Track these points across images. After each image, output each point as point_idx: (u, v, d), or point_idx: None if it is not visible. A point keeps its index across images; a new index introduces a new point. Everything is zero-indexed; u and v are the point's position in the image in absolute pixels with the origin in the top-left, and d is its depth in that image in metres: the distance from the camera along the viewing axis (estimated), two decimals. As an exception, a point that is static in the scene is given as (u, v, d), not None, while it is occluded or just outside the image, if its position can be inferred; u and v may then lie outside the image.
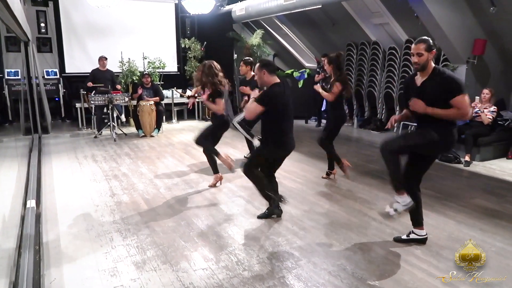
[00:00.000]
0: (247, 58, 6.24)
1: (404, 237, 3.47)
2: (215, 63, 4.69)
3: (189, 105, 5.82)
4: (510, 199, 4.53)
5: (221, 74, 4.66)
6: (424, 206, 4.06)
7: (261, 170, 3.86)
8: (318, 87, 5.16)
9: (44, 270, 2.99)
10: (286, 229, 3.74)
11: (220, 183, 5.04)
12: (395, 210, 3.22)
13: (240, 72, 6.13)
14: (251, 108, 3.61)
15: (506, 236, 3.57)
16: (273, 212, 3.98)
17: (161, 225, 3.81)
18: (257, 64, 3.72)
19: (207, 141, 4.81)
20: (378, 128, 8.67)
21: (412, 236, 3.44)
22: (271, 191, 3.85)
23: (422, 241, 3.40)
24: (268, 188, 3.83)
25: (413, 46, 3.12)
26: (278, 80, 3.68)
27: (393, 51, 8.37)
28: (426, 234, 3.43)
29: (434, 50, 3.07)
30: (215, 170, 4.93)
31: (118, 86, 8.54)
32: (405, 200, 3.19)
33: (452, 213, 4.09)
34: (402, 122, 7.77)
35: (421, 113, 3.09)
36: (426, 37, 3.14)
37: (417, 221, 3.41)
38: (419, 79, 3.18)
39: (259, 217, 3.99)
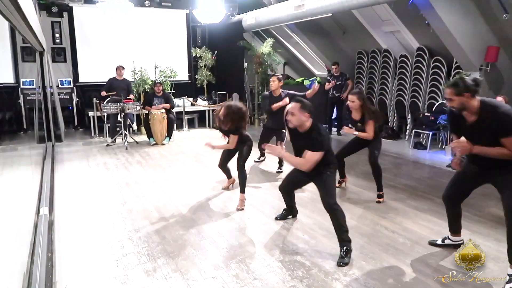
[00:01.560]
0: (278, 74, 6.15)
1: (439, 242, 3.49)
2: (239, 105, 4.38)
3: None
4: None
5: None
6: (438, 216, 4.02)
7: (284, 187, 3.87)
8: (351, 130, 4.71)
9: (56, 277, 3.01)
10: (297, 238, 3.72)
11: (232, 186, 5.21)
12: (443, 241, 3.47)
13: (272, 87, 5.69)
14: (314, 159, 3.28)
15: (523, 246, 3.49)
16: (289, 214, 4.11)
17: (171, 233, 3.82)
18: (297, 105, 3.32)
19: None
20: (390, 136, 8.59)
21: (447, 241, 3.46)
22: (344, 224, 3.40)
23: (457, 246, 3.32)
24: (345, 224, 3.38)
25: (445, 89, 2.90)
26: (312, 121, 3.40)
27: (405, 59, 8.33)
28: (463, 240, 3.38)
29: (467, 93, 2.78)
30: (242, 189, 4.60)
31: (131, 96, 8.63)
32: (458, 239, 3.39)
33: (466, 223, 4.00)
34: (414, 130, 7.71)
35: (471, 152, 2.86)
36: (457, 80, 2.86)
37: (455, 230, 3.43)
38: (468, 115, 2.87)
39: (277, 218, 4.12)
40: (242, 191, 4.54)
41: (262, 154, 6.56)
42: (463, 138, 3.03)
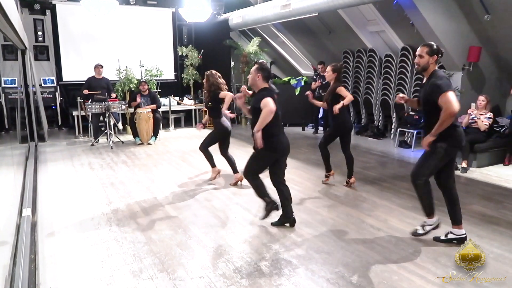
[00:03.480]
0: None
1: (442, 237, 3.55)
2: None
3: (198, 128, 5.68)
4: (507, 205, 4.54)
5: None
6: (419, 212, 4.07)
7: (273, 181, 3.90)
8: (316, 102, 5.34)
9: (40, 280, 2.96)
10: (283, 236, 3.73)
11: (219, 175, 5.53)
12: (423, 229, 3.64)
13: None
14: (270, 105, 3.59)
15: (504, 242, 3.57)
16: (286, 221, 3.95)
17: (158, 233, 3.79)
18: (255, 66, 3.78)
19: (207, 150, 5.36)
20: (375, 135, 8.69)
21: (450, 236, 3.52)
22: (267, 195, 3.88)
23: (461, 240, 3.39)
24: (266, 193, 3.87)
25: (418, 48, 3.35)
26: (267, 86, 3.79)
27: (389, 59, 8.42)
28: (465, 233, 3.48)
29: (436, 56, 3.29)
30: (212, 164, 5.44)
31: (114, 95, 8.51)
32: (434, 221, 3.62)
33: (450, 219, 4.08)
34: (399, 129, 7.81)
35: (427, 119, 3.42)
36: (432, 43, 3.37)
37: (455, 220, 3.50)
38: (424, 78, 3.45)
39: (273, 224, 3.96)
40: (236, 171, 5.21)
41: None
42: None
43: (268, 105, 3.57)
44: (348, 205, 4.57)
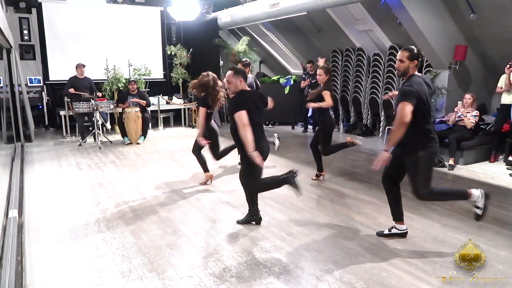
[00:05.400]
0: (244, 60, 6.13)
1: (386, 232, 3.65)
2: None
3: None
4: (493, 201, 4.58)
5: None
6: (409, 210, 4.13)
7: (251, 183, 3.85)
8: (313, 105, 5.09)
9: (27, 281, 2.92)
10: (273, 234, 3.74)
11: (211, 182, 5.34)
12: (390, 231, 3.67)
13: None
14: (243, 119, 3.50)
15: (489, 238, 3.63)
16: (251, 219, 3.96)
17: (147, 233, 3.77)
18: (232, 71, 3.66)
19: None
20: (364, 133, 8.75)
21: (393, 231, 3.63)
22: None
23: (402, 235, 3.61)
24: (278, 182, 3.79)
25: (399, 52, 3.32)
26: (245, 87, 3.72)
27: (378, 57, 8.49)
28: (407, 229, 3.62)
29: (416, 61, 3.25)
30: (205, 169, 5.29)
31: (99, 94, 8.40)
32: (403, 227, 3.63)
33: (437, 216, 4.14)
34: (387, 127, 7.88)
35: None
36: (412, 47, 3.31)
37: (398, 217, 3.61)
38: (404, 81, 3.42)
39: (239, 222, 3.99)
40: (206, 170, 5.23)
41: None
42: None
43: (241, 119, 3.49)
44: (337, 203, 4.60)
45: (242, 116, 3.51)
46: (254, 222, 3.96)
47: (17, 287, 2.65)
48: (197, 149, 5.20)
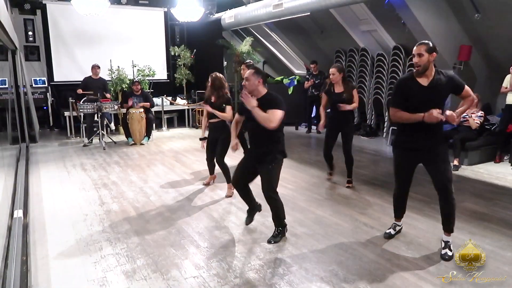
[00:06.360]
0: (248, 61, 6.01)
1: (392, 232, 3.69)
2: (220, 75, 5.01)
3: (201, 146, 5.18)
4: (498, 202, 4.59)
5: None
6: (414, 211, 4.12)
7: (236, 182, 3.74)
8: (344, 106, 4.78)
9: (32, 282, 2.94)
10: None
11: (213, 182, 5.31)
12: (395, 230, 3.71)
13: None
14: (278, 116, 3.36)
15: (495, 238, 3.61)
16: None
17: (151, 234, 3.77)
18: (253, 70, 3.52)
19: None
20: (368, 134, 8.73)
21: (398, 228, 3.72)
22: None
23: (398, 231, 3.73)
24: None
25: (414, 48, 3.14)
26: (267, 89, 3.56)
27: (381, 58, 8.47)
28: (401, 225, 3.74)
29: (435, 53, 3.10)
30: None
31: (108, 95, 8.46)
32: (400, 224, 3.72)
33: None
34: (391, 128, 7.85)
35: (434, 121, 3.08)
36: (427, 41, 3.19)
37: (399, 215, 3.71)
38: (423, 80, 3.15)
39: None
40: (228, 181, 4.82)
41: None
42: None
43: (276, 120, 3.33)
44: (341, 203, 4.59)
45: (280, 115, 3.37)
46: (257, 212, 4.00)
47: (22, 287, 2.66)
48: (220, 157, 4.83)
